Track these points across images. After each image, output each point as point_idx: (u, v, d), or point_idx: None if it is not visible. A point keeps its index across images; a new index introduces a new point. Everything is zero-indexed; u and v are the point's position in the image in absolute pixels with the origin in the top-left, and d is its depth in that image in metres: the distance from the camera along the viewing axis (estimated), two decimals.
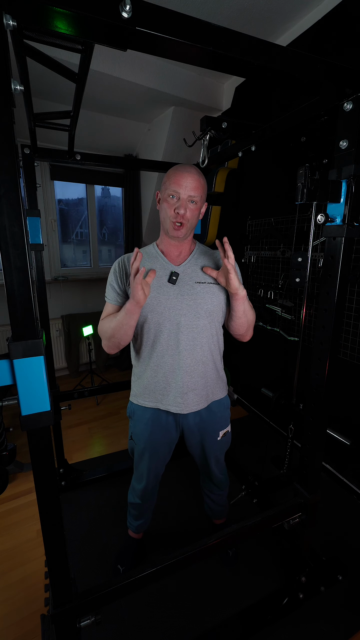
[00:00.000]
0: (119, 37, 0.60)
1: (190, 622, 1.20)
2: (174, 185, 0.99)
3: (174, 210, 1.00)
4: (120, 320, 1.00)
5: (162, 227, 1.08)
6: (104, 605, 0.86)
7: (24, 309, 0.58)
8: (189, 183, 0.98)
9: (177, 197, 0.99)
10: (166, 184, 1.02)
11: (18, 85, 0.58)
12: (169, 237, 1.07)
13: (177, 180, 0.99)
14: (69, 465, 1.85)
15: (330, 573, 1.32)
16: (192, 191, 0.99)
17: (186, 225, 1.02)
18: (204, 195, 1.04)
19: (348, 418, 1.61)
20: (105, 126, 2.86)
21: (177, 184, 0.98)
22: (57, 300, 3.24)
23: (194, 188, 0.99)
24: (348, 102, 0.80)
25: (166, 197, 1.01)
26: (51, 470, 0.70)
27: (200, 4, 1.71)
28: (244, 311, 1.07)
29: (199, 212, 1.05)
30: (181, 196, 0.99)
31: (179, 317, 1.05)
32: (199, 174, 1.02)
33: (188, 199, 0.99)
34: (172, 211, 1.00)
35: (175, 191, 0.99)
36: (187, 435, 1.21)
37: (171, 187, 0.99)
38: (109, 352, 1.10)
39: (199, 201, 1.02)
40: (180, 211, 0.99)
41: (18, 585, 1.34)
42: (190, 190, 0.99)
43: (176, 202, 1.00)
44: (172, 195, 1.00)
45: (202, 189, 1.02)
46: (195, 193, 0.99)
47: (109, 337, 1.05)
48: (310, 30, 1.69)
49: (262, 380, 2.20)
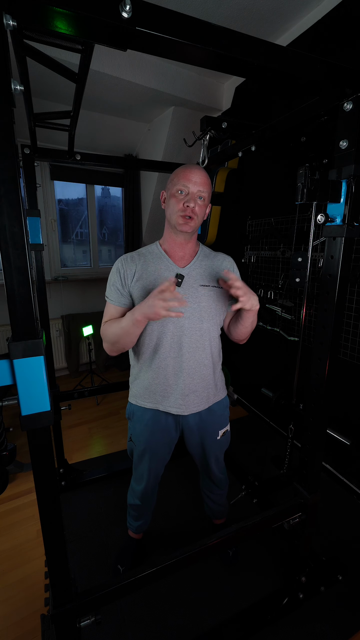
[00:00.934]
0: (119, 37, 0.60)
1: (190, 622, 1.20)
2: (183, 180, 1.00)
3: (183, 204, 1.00)
4: (126, 329, 0.99)
5: (169, 224, 1.07)
6: (104, 605, 0.86)
7: (24, 309, 0.58)
8: (197, 179, 0.99)
9: (186, 192, 1.00)
10: (174, 180, 1.02)
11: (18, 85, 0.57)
12: (174, 235, 1.07)
13: (186, 175, 1.00)
14: (69, 465, 1.85)
15: (330, 573, 1.32)
16: (201, 186, 1.00)
17: (195, 220, 1.02)
18: (210, 195, 1.05)
19: (348, 418, 1.61)
20: (105, 126, 2.86)
21: (186, 179, 0.99)
22: (57, 300, 3.24)
23: (203, 184, 1.00)
24: (348, 102, 0.80)
25: (174, 192, 1.01)
26: (51, 470, 0.70)
27: (200, 4, 1.71)
28: (252, 322, 1.09)
29: (204, 211, 1.05)
30: (190, 190, 1.00)
31: (182, 320, 1.05)
32: (205, 172, 1.03)
33: (197, 193, 1.00)
34: (181, 205, 1.00)
35: (184, 186, 1.00)
36: (187, 435, 1.21)
37: (180, 182, 1.00)
38: (110, 354, 1.10)
39: (206, 198, 1.03)
40: (190, 204, 0.99)
41: (18, 585, 1.34)
42: (199, 185, 0.99)
43: (185, 197, 1.00)
44: (180, 191, 1.00)
45: (209, 187, 1.03)
46: (204, 189, 1.00)
47: (113, 342, 1.05)
48: (310, 30, 1.69)
49: (262, 380, 2.20)
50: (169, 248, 1.10)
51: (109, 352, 1.09)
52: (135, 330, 0.99)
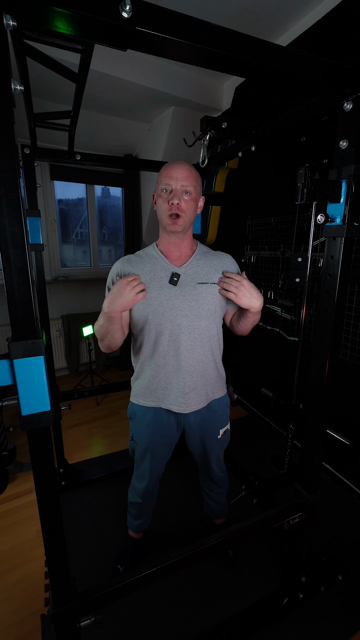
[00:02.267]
0: (119, 37, 0.60)
1: (190, 622, 1.20)
2: (166, 179, 0.99)
3: (169, 202, 0.99)
4: (105, 327, 1.02)
5: (161, 225, 1.07)
6: (104, 605, 0.86)
7: (24, 309, 0.58)
8: (179, 174, 0.98)
9: (169, 190, 0.99)
10: (158, 180, 1.03)
11: (18, 85, 0.58)
12: (167, 235, 1.07)
13: (168, 173, 0.99)
14: (69, 465, 1.85)
15: (330, 573, 1.32)
16: (184, 181, 0.98)
17: (183, 218, 1.01)
18: (197, 187, 1.03)
19: (348, 418, 1.61)
20: (105, 126, 2.86)
21: (168, 176, 0.99)
22: (57, 300, 3.24)
23: (185, 178, 0.99)
24: (348, 102, 0.80)
25: (160, 192, 1.01)
26: (51, 470, 0.70)
27: (200, 4, 1.71)
28: (254, 320, 1.10)
29: (195, 205, 1.03)
30: (174, 187, 0.99)
31: (180, 318, 1.05)
32: (188, 165, 1.02)
33: (181, 189, 0.99)
34: (166, 204, 1.00)
35: (167, 184, 0.99)
36: (188, 435, 1.21)
37: (163, 180, 1.00)
38: (104, 351, 1.12)
39: (193, 192, 1.01)
40: (174, 201, 0.98)
41: (18, 585, 1.34)
42: (182, 180, 0.98)
43: (170, 195, 1.00)
44: (165, 189, 1.00)
45: (195, 179, 1.01)
46: (188, 182, 0.99)
47: (101, 339, 1.08)
48: (310, 30, 1.69)
49: (262, 380, 2.20)
50: (164, 249, 1.10)
51: (102, 350, 1.12)
52: (113, 325, 1.01)
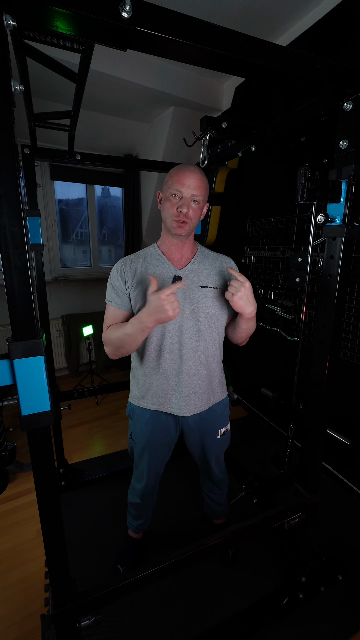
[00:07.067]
0: (119, 37, 0.60)
1: (190, 622, 1.20)
2: (177, 184, 0.98)
3: (177, 208, 0.99)
4: (133, 336, 0.98)
5: (164, 226, 1.07)
6: (104, 605, 0.86)
7: (24, 309, 0.58)
8: (191, 182, 0.98)
9: (179, 196, 0.99)
10: (168, 182, 1.01)
11: (18, 85, 0.58)
12: (171, 237, 1.06)
13: (180, 179, 0.98)
14: (69, 465, 1.85)
15: (330, 573, 1.32)
16: (195, 190, 0.98)
17: (189, 224, 1.01)
18: (206, 195, 1.03)
19: (348, 418, 1.61)
20: (105, 126, 2.86)
21: (179, 182, 0.98)
22: (57, 300, 3.24)
23: (197, 187, 0.98)
24: (348, 102, 0.80)
25: (168, 196, 1.01)
26: (51, 470, 0.70)
27: (201, 3, 1.71)
28: (246, 328, 1.09)
29: (200, 212, 1.04)
30: (184, 195, 0.98)
31: (181, 321, 1.05)
32: (201, 173, 1.01)
33: (191, 197, 0.99)
34: (174, 210, 1.00)
35: (178, 190, 0.98)
36: (187, 435, 1.21)
37: (174, 185, 0.99)
38: (112, 358, 1.09)
39: (202, 201, 1.01)
40: (183, 210, 0.98)
41: (18, 585, 1.34)
42: (193, 189, 0.98)
43: (179, 201, 0.99)
44: (174, 194, 0.99)
45: (205, 189, 1.02)
46: (198, 192, 0.99)
47: (117, 347, 1.04)
48: (310, 30, 1.69)
49: (262, 380, 2.21)
50: (166, 250, 1.10)
51: (111, 357, 1.09)
52: (143, 336, 0.98)
